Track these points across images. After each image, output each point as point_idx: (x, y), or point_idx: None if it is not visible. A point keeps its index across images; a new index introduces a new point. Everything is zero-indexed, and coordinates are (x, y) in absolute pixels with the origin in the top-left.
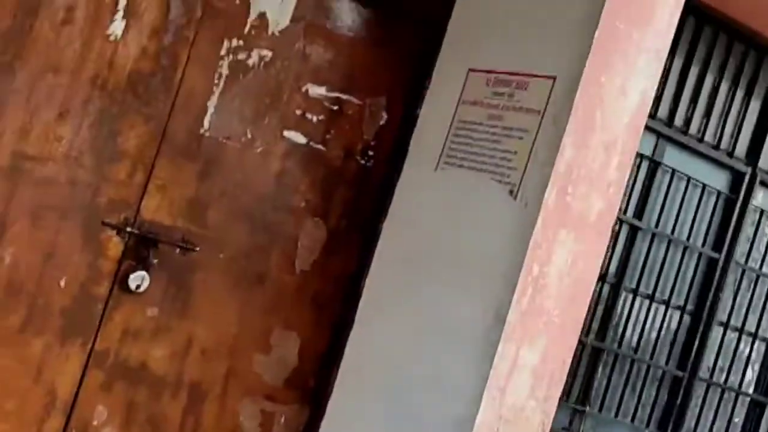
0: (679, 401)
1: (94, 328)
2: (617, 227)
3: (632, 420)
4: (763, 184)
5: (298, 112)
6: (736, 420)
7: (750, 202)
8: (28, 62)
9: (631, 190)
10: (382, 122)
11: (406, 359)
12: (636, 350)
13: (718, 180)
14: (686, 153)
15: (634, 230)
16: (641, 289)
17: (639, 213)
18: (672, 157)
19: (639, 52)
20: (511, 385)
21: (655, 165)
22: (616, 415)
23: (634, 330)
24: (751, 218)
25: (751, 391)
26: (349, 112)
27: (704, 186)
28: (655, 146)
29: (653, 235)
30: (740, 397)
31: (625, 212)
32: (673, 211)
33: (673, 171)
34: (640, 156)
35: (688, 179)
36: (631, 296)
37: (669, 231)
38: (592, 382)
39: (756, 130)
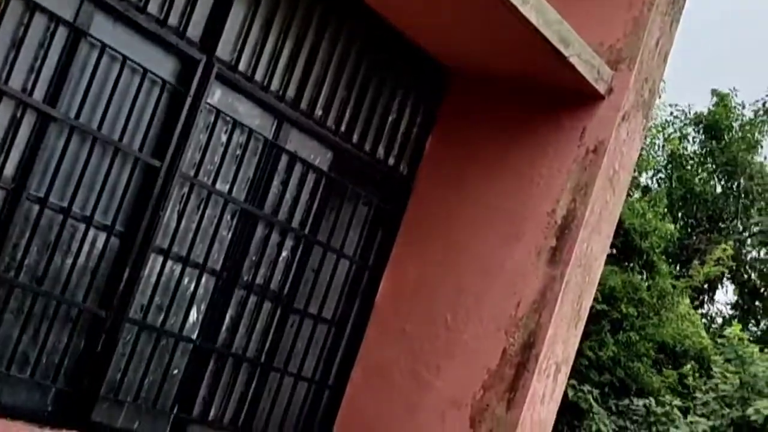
0: (100, 348)
1: None
2: (18, 112)
3: (32, 374)
4: (221, 78)
5: None
6: (174, 371)
7: (204, 99)
8: None
9: (41, 63)
10: None
11: None
12: (41, 281)
13: (164, 66)
14: (122, 25)
15: (45, 119)
16: (53, 199)
17: (53, 98)
18: (103, 27)
19: None
20: None
21: (77, 35)
22: (8, 367)
23: (39, 254)
24: (204, 119)
25: (194, 336)
26: None
27: (145, 71)
28: (78, 10)
29: (72, 129)
30: (181, 344)
31: (30, 93)
32: (103, 101)
33: (104, 46)
34: (57, 20)
35: (124, 60)
36: (37, 207)
37: (95, 126)
38: None
39: (214, 8)
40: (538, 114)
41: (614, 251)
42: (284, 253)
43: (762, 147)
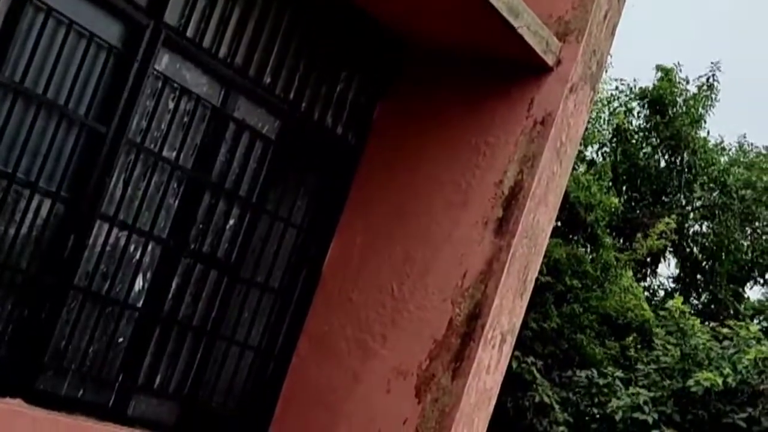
0: (44, 316)
1: None
2: None
3: None
4: (168, 44)
5: None
6: (120, 340)
7: (151, 64)
8: None
9: None
10: None
11: None
12: None
13: (111, 31)
14: None
15: None
16: None
17: None
18: None
19: None
20: None
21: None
22: None
23: None
24: (151, 86)
25: (140, 305)
26: None
27: (92, 36)
28: None
29: (17, 93)
30: (126, 312)
31: None
32: (48, 66)
33: (50, 10)
34: None
35: (70, 24)
36: None
37: (40, 90)
38: None
39: None
40: (487, 85)
41: (559, 224)
42: (231, 222)
43: (705, 122)
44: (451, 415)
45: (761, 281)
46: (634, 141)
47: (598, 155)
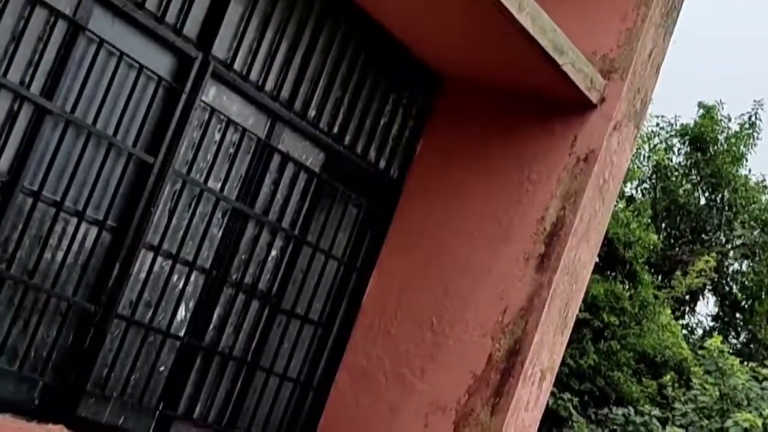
0: (88, 343)
1: None
2: (15, 105)
3: (20, 367)
4: (216, 76)
5: None
6: (161, 368)
7: (199, 96)
8: None
9: (39, 57)
10: None
11: None
12: (32, 274)
13: (161, 63)
14: (120, 20)
15: (41, 112)
16: (46, 193)
17: (49, 91)
18: (101, 22)
19: None
20: None
21: (76, 29)
22: None
23: (31, 247)
24: (198, 117)
25: (182, 334)
26: None
27: (141, 68)
28: (78, 5)
29: (67, 123)
30: (168, 341)
31: (28, 86)
32: (98, 96)
33: (101, 41)
34: (56, 14)
35: (121, 56)
36: (30, 201)
37: (90, 121)
38: None
39: (212, 6)
40: (530, 121)
41: (597, 260)
42: (273, 253)
43: (747, 160)
44: None
45: None
46: (674, 178)
47: (637, 191)
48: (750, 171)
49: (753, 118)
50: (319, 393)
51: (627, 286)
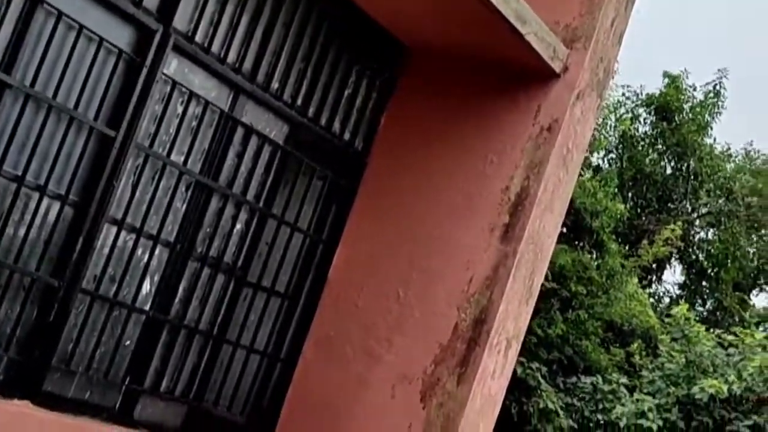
0: (52, 319)
1: None
2: None
3: None
4: (177, 49)
5: None
6: (127, 343)
7: (160, 69)
8: None
9: None
10: None
11: None
12: None
13: (120, 35)
14: None
15: (0, 87)
16: (7, 168)
17: (8, 65)
18: None
19: None
20: None
21: (34, 2)
22: None
23: None
24: (160, 90)
25: (147, 308)
26: None
27: (101, 41)
28: None
29: (27, 97)
30: (133, 315)
31: None
32: (58, 70)
33: (60, 15)
34: None
35: (80, 28)
36: None
37: (50, 94)
38: None
39: None
40: (494, 91)
41: (565, 230)
42: (238, 226)
43: (711, 129)
44: (455, 421)
45: (767, 288)
46: (640, 147)
47: (604, 161)
48: (715, 140)
49: (717, 87)
50: (286, 365)
51: (594, 256)
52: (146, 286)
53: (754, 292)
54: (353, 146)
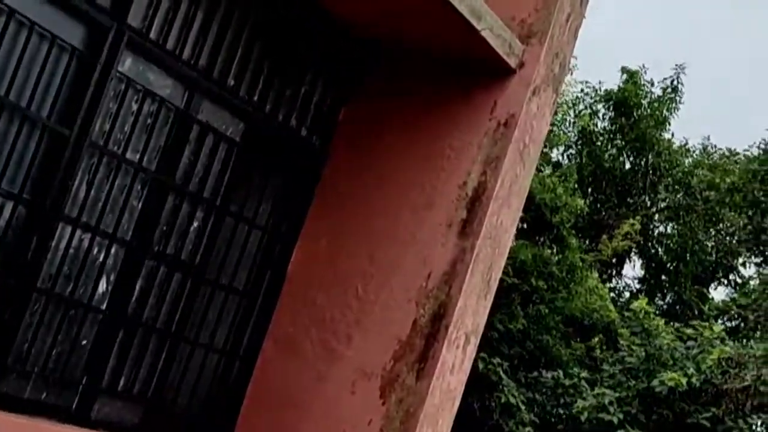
0: (7, 319)
1: None
2: None
3: None
4: (132, 46)
5: None
6: (83, 342)
7: (114, 67)
8: None
9: None
10: None
11: None
12: None
13: (73, 33)
14: None
15: None
16: None
17: None
18: None
19: None
20: None
21: None
22: None
23: None
24: (114, 88)
25: (103, 307)
26: None
27: (54, 39)
28: None
29: None
30: (90, 314)
31: None
32: (10, 68)
33: (12, 12)
34: None
35: (32, 27)
36: None
37: (2, 92)
38: None
39: None
40: (451, 87)
41: (525, 226)
42: (195, 224)
43: (670, 124)
44: (415, 416)
45: (725, 282)
46: (599, 143)
47: (563, 157)
48: (673, 135)
49: (675, 83)
50: (245, 363)
51: (555, 251)
52: (102, 285)
53: (713, 285)
54: (311, 142)
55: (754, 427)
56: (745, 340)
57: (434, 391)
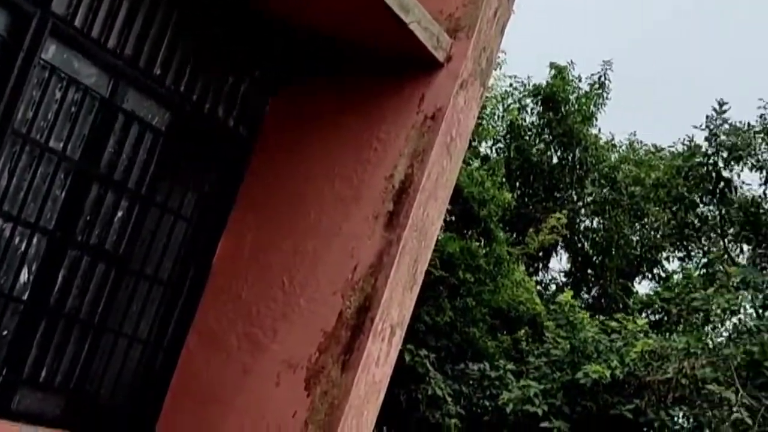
0: None
1: None
2: None
3: None
4: (55, 33)
5: None
6: (4, 333)
7: (38, 54)
8: None
9: None
10: None
11: None
12: None
13: None
14: None
15: None
16: None
17: None
18: None
19: None
20: None
21: None
22: None
23: None
24: (37, 76)
25: (25, 297)
26: None
27: None
28: None
29: None
30: (11, 305)
31: None
32: None
33: None
34: None
35: None
36: None
37: None
38: None
39: None
40: (379, 80)
41: (453, 219)
42: (120, 213)
43: (597, 119)
44: (340, 408)
45: (649, 276)
46: (527, 137)
47: (492, 151)
48: (600, 130)
49: (602, 78)
50: (169, 354)
51: (482, 244)
52: (24, 275)
53: (637, 279)
54: (238, 134)
55: (675, 419)
56: (668, 334)
57: (359, 383)
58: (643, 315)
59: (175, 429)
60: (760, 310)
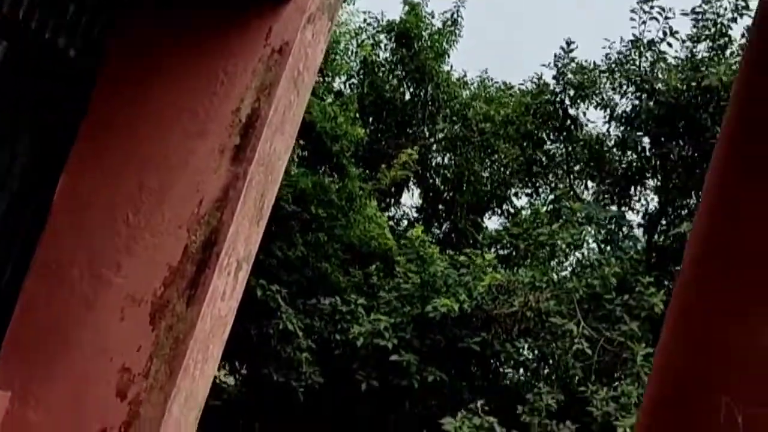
0: None
1: None
2: None
3: None
4: None
5: None
6: None
7: None
8: None
9: None
10: None
11: None
12: None
13: None
14: None
15: None
16: None
17: None
18: None
19: None
20: None
21: None
22: None
23: None
24: None
25: None
26: None
27: None
28: None
29: None
30: None
31: None
32: None
33: None
34: None
35: None
36: None
37: None
38: None
39: None
40: (226, 12)
41: (306, 154)
42: None
43: (449, 56)
44: (185, 342)
45: (499, 212)
46: (380, 73)
47: (346, 87)
48: (452, 67)
49: (455, 16)
50: (7, 292)
51: (334, 179)
52: None
53: (487, 214)
54: (79, 65)
55: (520, 350)
56: (516, 268)
57: (205, 318)
58: (492, 250)
59: (15, 364)
60: (602, 245)
